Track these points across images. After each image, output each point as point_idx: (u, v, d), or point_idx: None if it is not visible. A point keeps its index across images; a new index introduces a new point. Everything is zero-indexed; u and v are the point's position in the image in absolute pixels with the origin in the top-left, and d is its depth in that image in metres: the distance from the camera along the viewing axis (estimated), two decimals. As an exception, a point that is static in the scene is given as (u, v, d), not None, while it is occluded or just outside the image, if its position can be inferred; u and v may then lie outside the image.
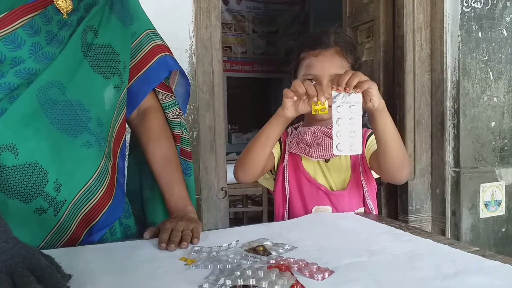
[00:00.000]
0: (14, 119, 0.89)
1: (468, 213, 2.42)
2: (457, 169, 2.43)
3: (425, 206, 2.56)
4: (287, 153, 1.29)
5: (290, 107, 1.10)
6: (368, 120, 1.38)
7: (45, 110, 0.92)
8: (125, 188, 1.16)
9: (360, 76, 1.01)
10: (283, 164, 1.29)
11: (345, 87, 1.00)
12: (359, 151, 1.00)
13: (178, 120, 1.20)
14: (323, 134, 1.27)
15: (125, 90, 1.09)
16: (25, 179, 0.90)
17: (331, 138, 1.25)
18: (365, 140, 1.30)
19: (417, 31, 2.45)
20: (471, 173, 2.44)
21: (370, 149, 1.27)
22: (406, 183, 2.53)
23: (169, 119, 1.19)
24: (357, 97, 1.00)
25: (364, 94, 1.02)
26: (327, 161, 1.28)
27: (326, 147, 1.24)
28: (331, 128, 1.28)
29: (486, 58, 2.44)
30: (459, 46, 2.39)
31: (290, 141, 1.30)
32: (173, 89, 1.23)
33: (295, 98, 1.08)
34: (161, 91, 1.17)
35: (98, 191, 0.98)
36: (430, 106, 2.52)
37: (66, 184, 0.93)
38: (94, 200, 0.98)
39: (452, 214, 2.46)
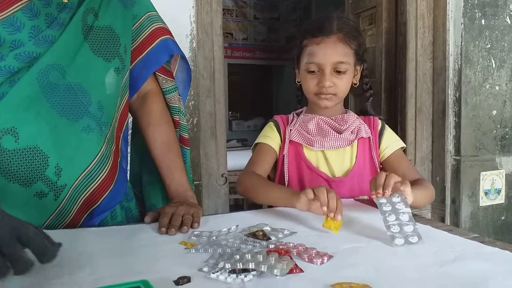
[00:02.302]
0: (14, 102, 0.89)
1: (468, 201, 2.43)
2: (457, 157, 2.43)
3: (425, 194, 2.56)
4: (287, 142, 1.28)
5: (304, 204, 0.98)
6: (371, 105, 1.37)
7: (46, 94, 0.91)
8: (128, 172, 1.15)
9: (395, 177, 0.95)
10: (283, 154, 1.28)
11: (384, 191, 0.93)
12: (418, 238, 0.84)
13: (177, 106, 1.19)
14: (327, 125, 1.26)
15: (127, 74, 1.08)
16: (25, 163, 0.89)
17: (334, 130, 1.26)
18: (376, 133, 1.29)
19: (420, 18, 2.43)
20: (472, 161, 2.44)
21: (383, 152, 1.29)
22: (407, 171, 2.53)
23: (168, 104, 1.18)
24: (399, 197, 0.94)
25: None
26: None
27: (329, 138, 1.24)
28: (335, 119, 1.28)
29: (489, 46, 2.42)
30: (461, 34, 2.37)
31: (291, 130, 1.29)
32: (174, 75, 1.22)
33: (313, 201, 0.96)
34: (161, 75, 1.16)
35: (99, 175, 0.98)
36: (431, 94, 2.51)
37: (66, 169, 0.93)
38: (95, 185, 0.98)
39: (452, 202, 2.46)
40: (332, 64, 1.21)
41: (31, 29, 0.92)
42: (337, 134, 1.25)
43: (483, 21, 2.40)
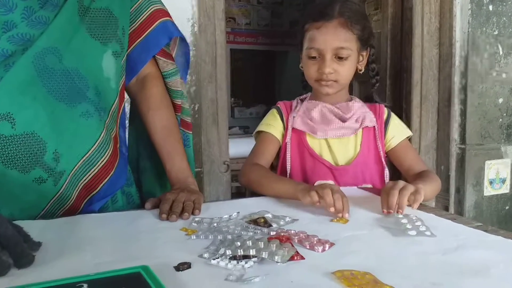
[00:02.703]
0: (10, 87, 0.87)
1: (472, 190, 2.42)
2: (462, 146, 2.42)
3: (429, 182, 2.55)
4: (289, 129, 1.27)
5: (309, 203, 0.96)
6: (376, 92, 1.36)
7: (42, 78, 0.90)
8: (127, 158, 1.15)
9: (407, 192, 0.93)
10: (286, 141, 1.27)
11: (398, 210, 0.91)
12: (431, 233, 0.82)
13: (180, 89, 1.18)
14: (331, 113, 1.25)
15: (125, 57, 1.06)
16: (23, 149, 0.88)
17: (338, 118, 1.24)
18: (382, 122, 1.28)
19: (426, 4, 2.40)
20: (477, 150, 2.42)
21: (389, 142, 1.27)
22: (410, 159, 2.52)
23: (170, 88, 1.17)
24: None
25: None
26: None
27: (333, 126, 1.22)
28: (339, 107, 1.26)
29: (496, 32, 2.39)
30: (468, 20, 2.33)
31: (294, 117, 1.27)
32: (173, 57, 1.20)
33: (318, 204, 0.94)
34: (162, 58, 1.14)
35: (99, 161, 0.97)
36: (437, 81, 2.48)
37: (65, 155, 0.92)
38: (94, 170, 0.97)
39: (456, 191, 2.46)
40: (332, 50, 1.18)
41: (24, 10, 0.89)
42: (341, 123, 1.23)
43: (490, 7, 2.37)
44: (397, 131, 1.29)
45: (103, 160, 0.98)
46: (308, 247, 0.73)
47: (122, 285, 0.56)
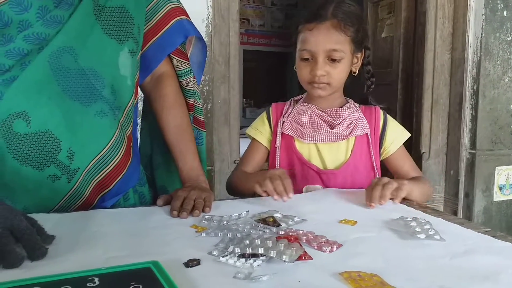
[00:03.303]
0: (25, 86, 0.88)
1: (481, 195, 2.41)
2: (472, 151, 2.41)
3: (438, 187, 2.54)
4: (279, 134, 1.25)
5: (259, 193, 1.06)
6: (371, 94, 1.33)
7: (58, 78, 0.90)
8: (140, 156, 1.16)
9: (391, 186, 1.00)
10: (275, 146, 1.25)
11: (380, 201, 0.98)
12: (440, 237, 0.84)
13: (192, 88, 1.19)
14: (320, 118, 1.22)
15: (139, 55, 1.06)
16: (37, 147, 0.89)
17: (327, 123, 1.22)
18: (378, 126, 1.25)
19: (440, 8, 2.39)
20: (487, 156, 2.41)
21: (388, 149, 1.26)
22: (420, 163, 2.52)
23: (183, 87, 1.18)
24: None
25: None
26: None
27: (321, 132, 1.20)
28: (329, 112, 1.23)
29: (510, 38, 2.38)
30: (482, 25, 2.32)
31: (284, 122, 1.25)
32: (188, 55, 1.21)
33: (264, 194, 1.05)
34: (176, 57, 1.15)
35: (112, 160, 0.98)
36: (449, 85, 2.48)
37: (79, 153, 0.93)
38: (108, 169, 0.98)
39: (465, 196, 2.44)
40: (325, 52, 1.15)
41: (39, 9, 0.90)
42: (329, 129, 1.21)
43: (505, 12, 2.35)
44: (396, 136, 1.27)
45: (116, 159, 0.99)
46: (316, 247, 0.73)
47: (133, 279, 0.57)
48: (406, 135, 1.29)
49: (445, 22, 2.42)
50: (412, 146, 2.67)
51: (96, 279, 0.57)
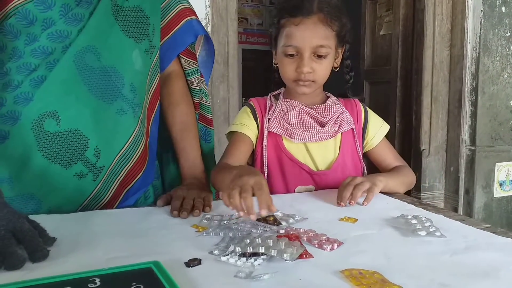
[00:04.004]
0: (54, 87, 0.91)
1: (481, 192, 2.41)
2: (472, 147, 2.41)
3: (438, 184, 2.55)
4: (265, 132, 1.19)
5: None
6: (349, 88, 1.28)
7: (83, 77, 0.93)
8: (155, 150, 1.16)
9: (362, 187, 1.01)
10: (262, 146, 1.19)
11: (350, 201, 0.99)
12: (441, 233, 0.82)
13: (198, 87, 1.20)
14: (309, 116, 1.18)
15: (157, 55, 1.09)
16: (66, 145, 0.92)
17: (316, 121, 1.18)
18: (360, 118, 1.24)
19: (438, 5, 2.39)
20: (487, 152, 2.41)
21: (370, 142, 1.24)
22: (420, 160, 2.52)
23: (190, 87, 1.19)
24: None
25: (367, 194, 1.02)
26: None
27: (311, 131, 1.16)
28: (316, 109, 1.19)
29: (509, 34, 2.38)
30: (481, 22, 2.32)
31: (269, 119, 1.19)
32: (197, 55, 1.23)
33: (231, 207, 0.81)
34: (184, 57, 1.17)
35: (132, 157, 1.01)
36: (448, 82, 2.48)
37: (104, 150, 0.96)
38: (129, 166, 1.01)
39: (465, 192, 2.45)
40: (311, 48, 1.11)
41: (62, 7, 0.93)
42: (320, 127, 1.17)
43: (503, 8, 2.35)
44: (377, 129, 1.25)
45: (136, 155, 1.02)
46: (316, 245, 0.73)
47: (134, 280, 0.57)
48: (386, 127, 1.27)
49: (444, 18, 2.42)
50: (412, 143, 2.67)
51: (97, 280, 0.57)
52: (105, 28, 0.97)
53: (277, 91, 1.28)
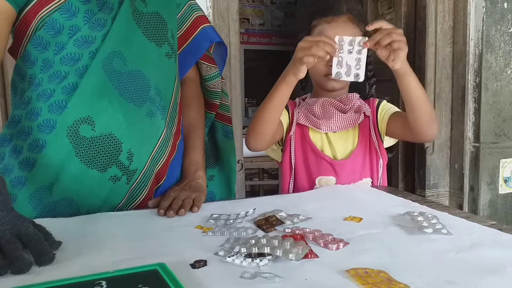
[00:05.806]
0: (87, 93, 0.93)
1: (486, 188, 2.40)
2: (476, 144, 2.40)
3: (443, 181, 2.54)
4: (294, 123, 1.28)
5: (304, 71, 1.07)
6: (374, 92, 1.36)
7: (113, 82, 0.95)
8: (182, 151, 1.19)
9: (395, 36, 1.01)
10: (290, 134, 1.28)
11: (376, 44, 1.02)
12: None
13: (220, 90, 1.23)
14: (332, 106, 1.25)
15: (176, 59, 1.11)
16: (101, 150, 0.94)
17: (340, 110, 1.25)
18: (374, 111, 1.29)
19: (440, 2, 2.39)
20: (491, 148, 2.40)
21: (384, 116, 1.26)
22: (424, 157, 2.51)
23: (210, 90, 1.23)
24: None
25: (391, 53, 1.02)
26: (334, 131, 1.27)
27: (335, 120, 1.23)
28: (340, 100, 1.26)
29: (511, 30, 2.37)
30: (483, 18, 2.31)
31: (298, 112, 1.29)
32: None
33: (315, 61, 1.04)
34: (205, 63, 1.21)
35: (161, 158, 1.04)
36: (451, 79, 2.47)
37: (137, 154, 0.98)
38: (158, 167, 1.03)
39: (470, 189, 2.44)
40: None
41: (85, 13, 0.95)
42: (342, 115, 1.24)
43: (505, 4, 2.34)
44: (387, 108, 1.29)
45: (164, 157, 1.04)
46: (322, 245, 0.73)
47: (140, 282, 0.57)
48: (395, 109, 1.30)
49: (446, 15, 2.42)
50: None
51: (104, 283, 0.57)
52: (128, 33, 0.99)
53: (304, 95, 1.36)
